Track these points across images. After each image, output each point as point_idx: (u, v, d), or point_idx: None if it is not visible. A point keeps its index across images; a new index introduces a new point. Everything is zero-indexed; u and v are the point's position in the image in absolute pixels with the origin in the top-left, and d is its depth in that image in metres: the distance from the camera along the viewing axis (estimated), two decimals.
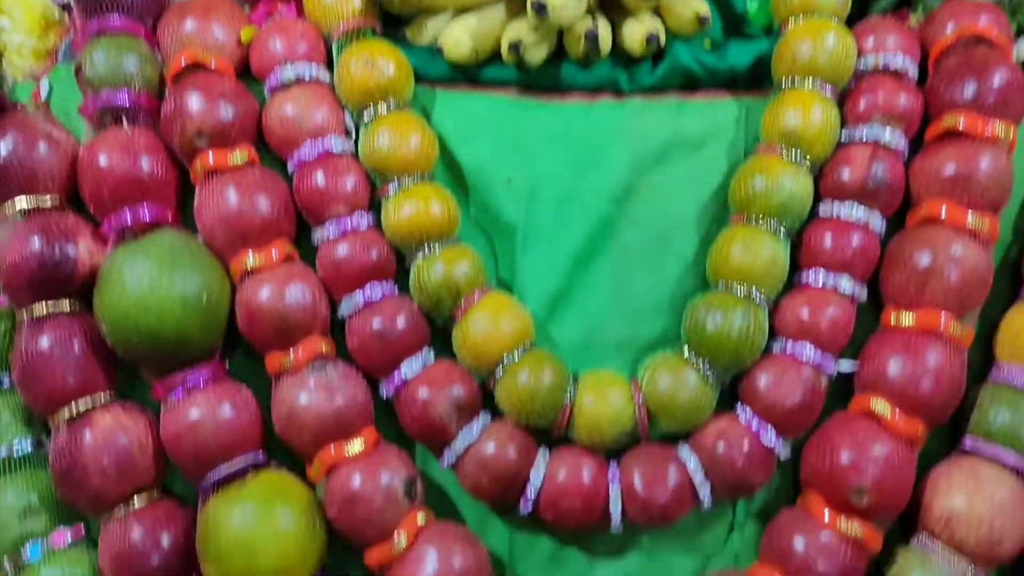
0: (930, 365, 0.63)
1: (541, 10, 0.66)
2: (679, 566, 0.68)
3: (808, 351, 0.65)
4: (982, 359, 0.68)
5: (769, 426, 0.65)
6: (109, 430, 0.64)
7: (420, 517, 0.65)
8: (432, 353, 0.68)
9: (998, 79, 0.65)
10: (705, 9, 0.71)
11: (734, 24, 0.74)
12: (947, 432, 0.68)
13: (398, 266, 0.69)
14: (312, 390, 0.65)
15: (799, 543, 0.63)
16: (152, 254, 0.64)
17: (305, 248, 0.69)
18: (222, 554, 0.62)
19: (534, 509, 0.66)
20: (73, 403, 0.64)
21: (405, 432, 0.67)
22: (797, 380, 0.65)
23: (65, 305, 0.65)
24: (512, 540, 0.69)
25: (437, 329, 0.69)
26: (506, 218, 0.69)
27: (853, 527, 0.63)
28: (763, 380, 0.65)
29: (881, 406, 0.64)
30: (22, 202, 0.66)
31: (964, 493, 0.62)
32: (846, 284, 0.66)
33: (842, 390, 0.68)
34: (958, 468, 0.64)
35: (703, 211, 0.69)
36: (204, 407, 0.64)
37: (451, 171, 0.70)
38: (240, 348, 0.69)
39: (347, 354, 0.68)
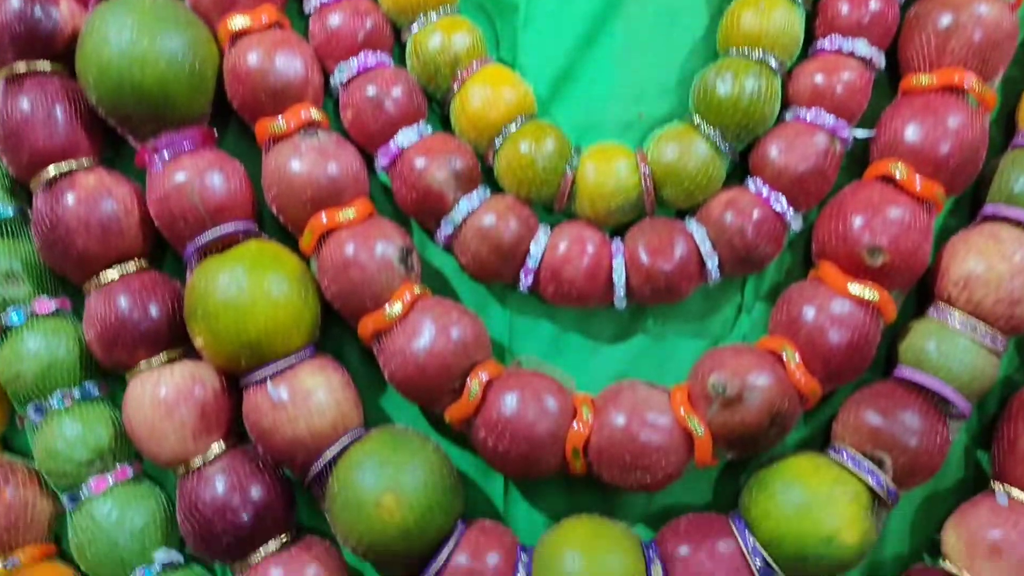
0: (950, 125, 0.60)
1: None
2: (685, 349, 0.66)
3: (822, 116, 0.62)
4: (1005, 134, 0.65)
5: (780, 194, 0.62)
6: (93, 190, 0.61)
7: (416, 288, 0.63)
8: (430, 127, 0.65)
9: None
10: None
11: None
12: (968, 216, 0.66)
13: (395, 42, 0.66)
14: (304, 154, 0.62)
15: (810, 312, 0.61)
16: (135, 9, 0.61)
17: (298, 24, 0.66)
18: (210, 316, 0.59)
19: (534, 284, 0.64)
20: (55, 165, 0.62)
21: (400, 207, 0.65)
22: (810, 145, 0.62)
23: (47, 65, 0.62)
24: (512, 326, 0.67)
25: (437, 115, 0.67)
26: None
27: (867, 291, 0.60)
28: (774, 147, 0.63)
29: (898, 169, 0.61)
30: None
31: (983, 255, 0.59)
32: (862, 47, 0.63)
33: (859, 168, 0.65)
34: (977, 233, 0.61)
35: None
36: (191, 170, 0.62)
37: None
38: (232, 129, 0.67)
39: (342, 131, 0.65)
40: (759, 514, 0.60)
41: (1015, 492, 0.60)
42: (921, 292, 0.64)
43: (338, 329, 0.65)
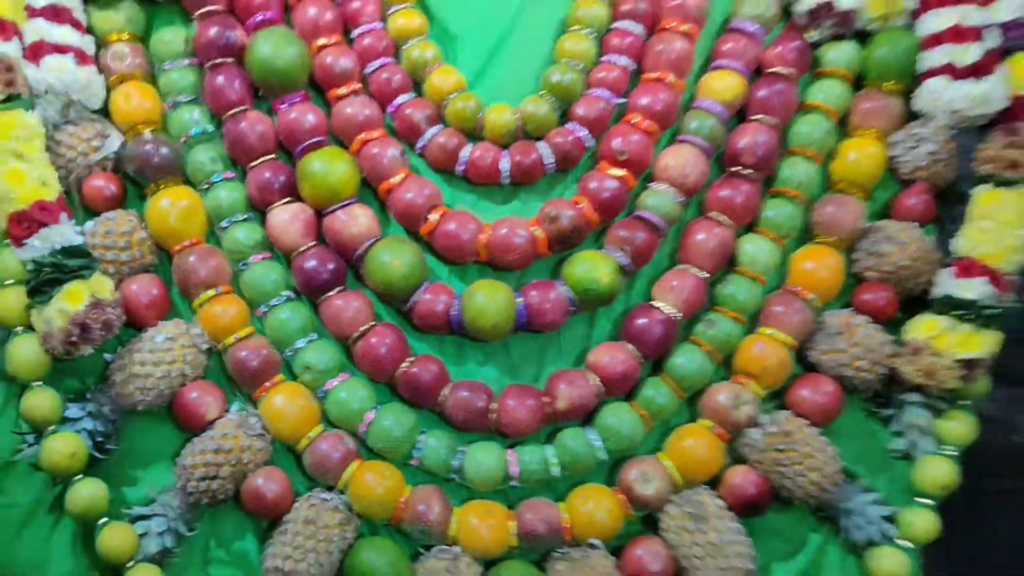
0: None
1: None
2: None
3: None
4: None
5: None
6: (254, 119, 1.29)
7: None
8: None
9: None
10: None
11: None
12: None
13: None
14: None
15: (592, 183, 1.30)
16: (273, 34, 1.28)
17: None
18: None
19: None
20: (235, 109, 1.29)
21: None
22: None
23: (230, 60, 1.30)
24: None
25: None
26: None
27: (621, 173, 1.29)
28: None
29: None
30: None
31: None
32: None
33: None
34: None
35: None
36: (299, 111, 1.29)
37: None
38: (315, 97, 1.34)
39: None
40: (567, 277, 1.28)
41: None
42: None
43: None
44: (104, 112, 1.30)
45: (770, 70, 1.34)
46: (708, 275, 1.30)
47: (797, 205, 1.32)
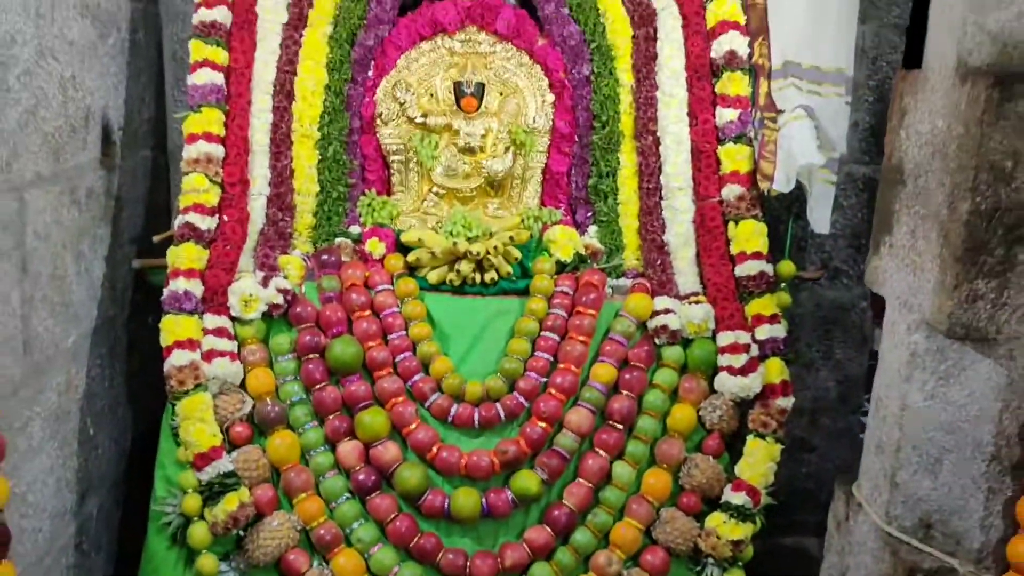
0: None
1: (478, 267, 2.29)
2: None
3: None
4: None
5: None
6: None
7: None
8: None
9: None
10: (514, 261, 2.34)
11: (524, 270, 2.37)
12: None
13: None
14: None
15: None
16: None
17: None
18: None
19: None
20: None
21: None
22: None
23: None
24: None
25: None
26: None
27: None
28: None
29: None
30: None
31: None
32: None
33: None
34: None
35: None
36: None
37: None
38: None
39: None
40: (511, 486, 2.20)
41: None
42: None
43: None
44: (242, 386, 2.21)
45: (632, 363, 2.29)
46: (594, 485, 2.23)
47: (646, 444, 2.26)
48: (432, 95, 2.57)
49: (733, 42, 2.39)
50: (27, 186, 1.88)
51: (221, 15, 2.37)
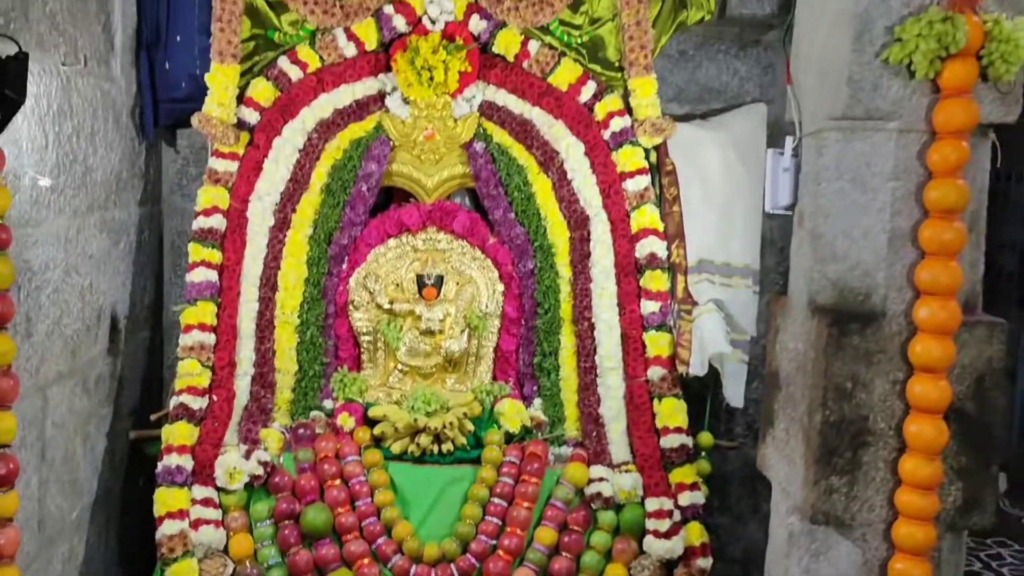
0: None
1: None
2: None
3: None
4: None
5: None
6: None
7: None
8: None
9: None
10: (468, 433, 2.68)
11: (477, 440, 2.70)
12: None
13: None
14: None
15: None
16: None
17: None
18: None
19: None
20: None
21: None
22: None
23: None
24: None
25: None
26: None
27: None
28: None
29: None
30: None
31: None
32: None
33: None
34: None
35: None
36: None
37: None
38: None
39: None
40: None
41: None
42: None
43: None
44: (225, 550, 2.50)
45: (571, 526, 2.61)
46: None
47: None
48: (398, 285, 2.96)
49: (653, 245, 2.79)
50: (50, 384, 2.22)
51: (217, 222, 2.76)
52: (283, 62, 2.81)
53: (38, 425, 2.17)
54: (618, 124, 2.84)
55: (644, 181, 2.82)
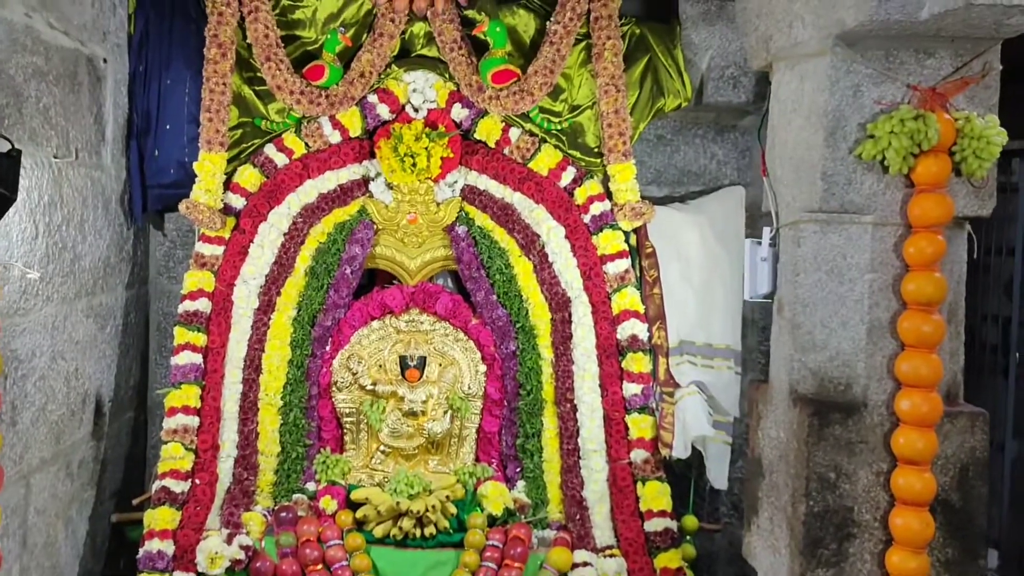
0: None
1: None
2: None
3: None
4: None
5: None
6: None
7: None
8: None
9: None
10: (450, 516, 2.67)
11: (460, 523, 2.69)
12: None
13: None
14: None
15: None
16: None
17: None
18: None
19: None
20: None
21: None
22: None
23: None
24: None
25: None
26: None
27: None
28: None
29: None
30: None
31: None
32: None
33: None
34: None
35: None
36: None
37: None
38: None
39: None
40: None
41: None
42: None
43: None
44: None
45: None
46: None
47: None
48: (381, 366, 2.97)
49: (635, 327, 2.83)
50: (33, 472, 2.21)
51: (202, 305, 2.78)
52: (269, 149, 2.87)
53: (20, 513, 2.15)
54: (598, 208, 2.89)
55: (624, 264, 2.87)
